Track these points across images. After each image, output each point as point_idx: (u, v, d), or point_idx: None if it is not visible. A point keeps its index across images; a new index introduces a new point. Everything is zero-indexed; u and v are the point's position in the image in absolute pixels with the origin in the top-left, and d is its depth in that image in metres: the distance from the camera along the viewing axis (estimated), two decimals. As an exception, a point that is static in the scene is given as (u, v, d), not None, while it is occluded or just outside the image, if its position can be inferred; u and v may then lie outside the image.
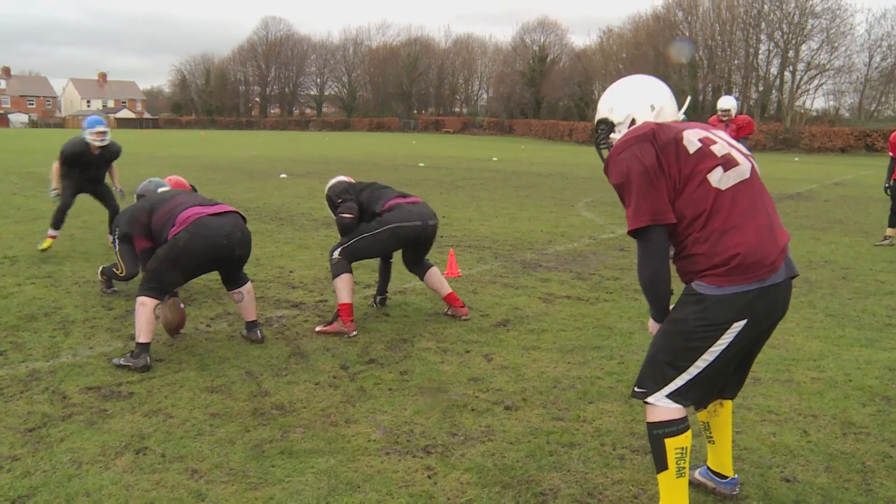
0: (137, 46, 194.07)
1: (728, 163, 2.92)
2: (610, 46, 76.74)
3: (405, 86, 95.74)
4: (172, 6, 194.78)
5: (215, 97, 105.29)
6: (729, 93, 58.96)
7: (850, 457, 3.91)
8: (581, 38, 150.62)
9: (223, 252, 5.29)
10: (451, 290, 6.40)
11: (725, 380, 3.17)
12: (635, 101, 3.17)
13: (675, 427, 2.99)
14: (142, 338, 5.01)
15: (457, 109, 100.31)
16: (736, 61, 65.58)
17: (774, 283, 2.88)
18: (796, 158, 39.85)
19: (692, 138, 2.95)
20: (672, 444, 2.98)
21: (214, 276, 7.07)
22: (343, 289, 5.84)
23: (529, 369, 5.15)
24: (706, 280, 2.88)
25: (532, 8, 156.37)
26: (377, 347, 5.55)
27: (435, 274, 6.41)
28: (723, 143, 3.00)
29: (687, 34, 66.88)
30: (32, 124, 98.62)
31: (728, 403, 3.41)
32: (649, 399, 3.01)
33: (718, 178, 2.89)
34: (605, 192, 17.27)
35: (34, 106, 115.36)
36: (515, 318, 6.44)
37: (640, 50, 69.18)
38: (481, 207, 14.25)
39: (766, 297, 2.88)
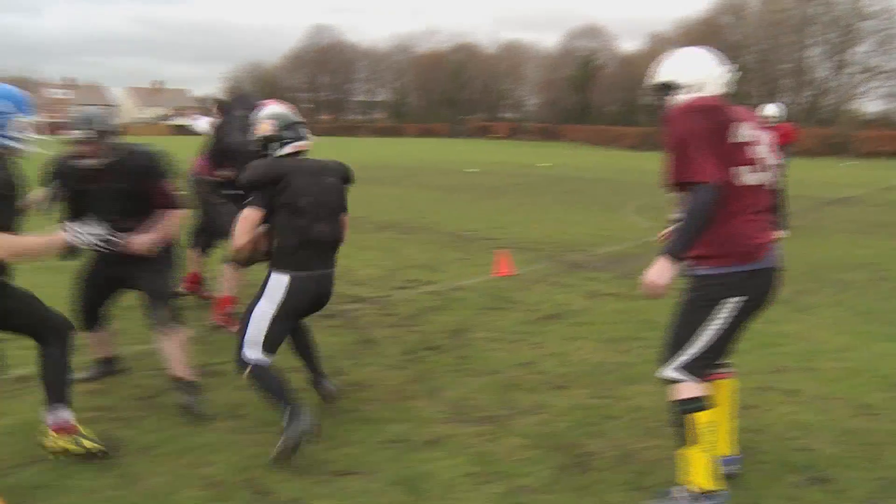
0: (190, 55, 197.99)
1: (758, 165, 3.38)
2: (658, 51, 76.70)
3: (453, 91, 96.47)
4: (223, 15, 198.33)
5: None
6: (779, 97, 58.72)
7: (860, 433, 4.41)
8: (628, 44, 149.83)
9: None
10: None
11: (724, 353, 3.57)
12: (705, 70, 3.52)
13: (701, 403, 3.38)
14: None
15: (504, 115, 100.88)
16: (786, 65, 65.23)
17: (764, 268, 3.41)
18: (846, 163, 39.67)
19: (743, 131, 3.35)
20: (701, 419, 3.35)
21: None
22: None
23: (574, 356, 5.71)
24: (707, 263, 3.40)
25: (577, 12, 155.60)
26: (437, 337, 6.16)
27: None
28: (764, 147, 3.44)
29: (736, 38, 66.71)
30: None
31: (725, 384, 3.75)
32: (666, 373, 3.47)
33: (745, 174, 3.34)
34: (652, 197, 17.68)
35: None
36: (562, 312, 7.00)
37: (688, 54, 68.92)
38: (530, 211, 14.82)
39: (757, 278, 3.40)
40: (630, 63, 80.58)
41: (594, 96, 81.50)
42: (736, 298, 3.37)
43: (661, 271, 3.31)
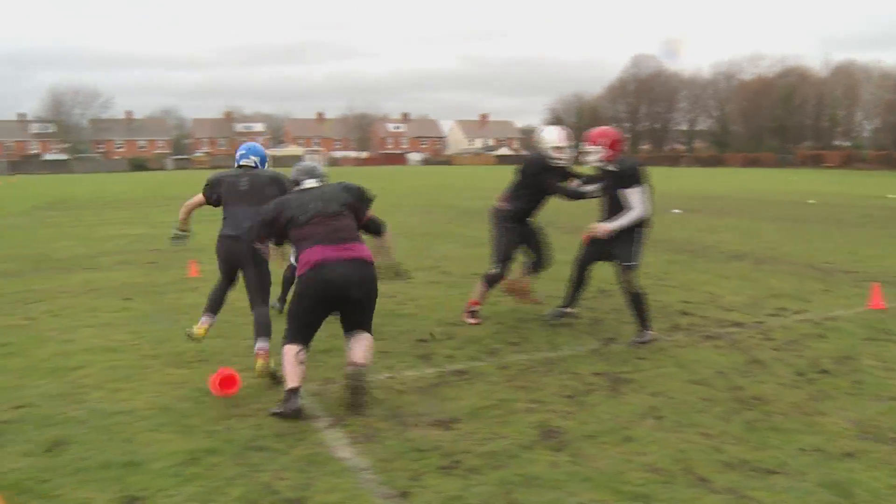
0: (511, 88, 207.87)
1: None
2: None
3: (781, 118, 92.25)
4: (544, 49, 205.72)
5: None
6: None
7: None
8: None
9: (341, 293, 5.24)
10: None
11: None
12: None
13: None
14: (288, 384, 5.14)
15: (837, 142, 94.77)
16: None
17: None
18: None
19: None
20: None
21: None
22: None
23: (980, 391, 5.67)
24: None
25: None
26: (824, 362, 6.36)
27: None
28: None
29: None
30: (425, 162, 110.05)
31: None
32: None
33: None
34: None
35: (426, 146, 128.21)
36: (953, 348, 6.87)
37: None
38: (889, 245, 14.16)
39: None
40: None
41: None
42: None
43: None
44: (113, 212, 24.04)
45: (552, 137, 7.83)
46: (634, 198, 6.93)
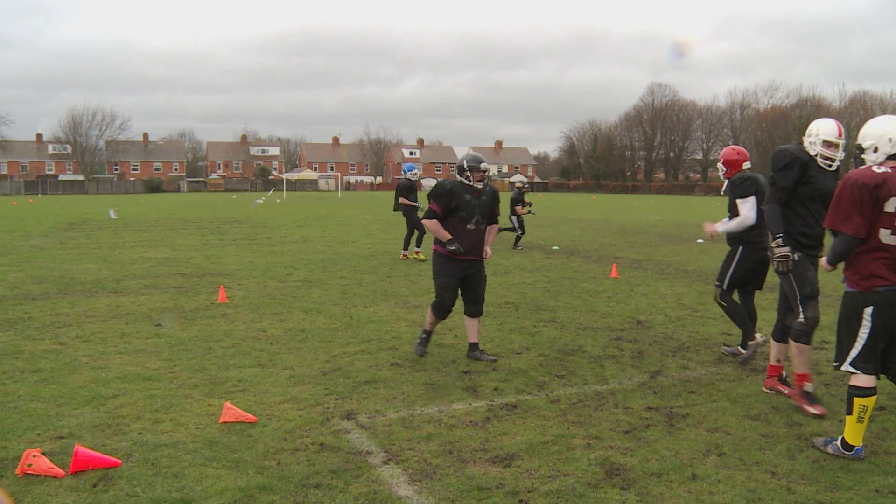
0: (524, 115, 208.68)
1: None
2: None
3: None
4: (557, 77, 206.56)
5: (602, 162, 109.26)
6: None
7: None
8: None
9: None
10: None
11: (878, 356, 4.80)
12: (879, 134, 4.83)
13: (864, 391, 4.76)
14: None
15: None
16: None
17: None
18: None
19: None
20: (858, 402, 4.77)
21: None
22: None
23: None
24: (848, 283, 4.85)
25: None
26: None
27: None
28: None
29: None
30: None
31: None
32: (843, 367, 4.86)
33: (886, 236, 4.69)
34: None
35: (440, 172, 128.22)
36: None
37: None
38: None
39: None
40: None
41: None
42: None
43: None
44: (132, 234, 23.99)
45: (827, 129, 6.19)
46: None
